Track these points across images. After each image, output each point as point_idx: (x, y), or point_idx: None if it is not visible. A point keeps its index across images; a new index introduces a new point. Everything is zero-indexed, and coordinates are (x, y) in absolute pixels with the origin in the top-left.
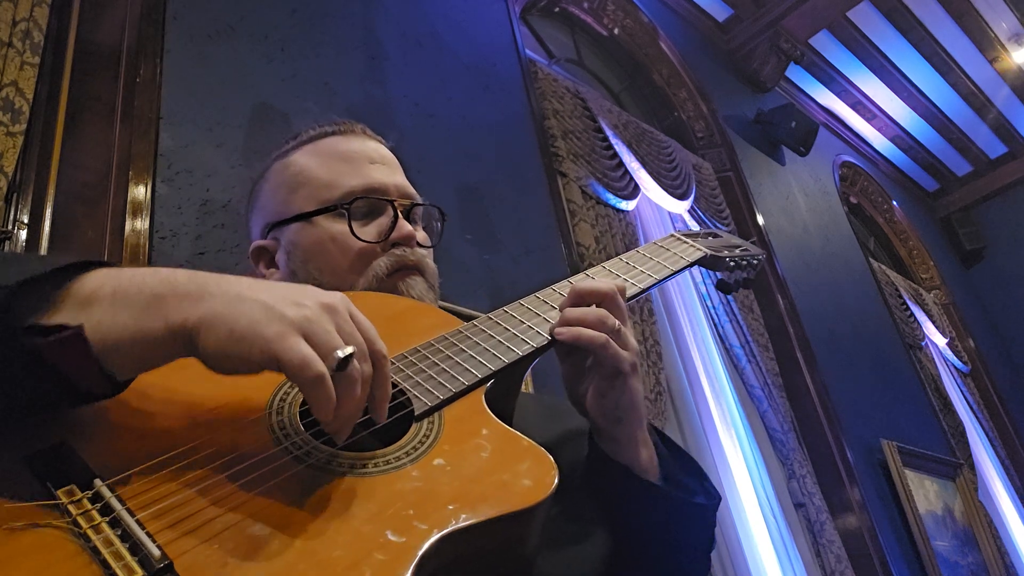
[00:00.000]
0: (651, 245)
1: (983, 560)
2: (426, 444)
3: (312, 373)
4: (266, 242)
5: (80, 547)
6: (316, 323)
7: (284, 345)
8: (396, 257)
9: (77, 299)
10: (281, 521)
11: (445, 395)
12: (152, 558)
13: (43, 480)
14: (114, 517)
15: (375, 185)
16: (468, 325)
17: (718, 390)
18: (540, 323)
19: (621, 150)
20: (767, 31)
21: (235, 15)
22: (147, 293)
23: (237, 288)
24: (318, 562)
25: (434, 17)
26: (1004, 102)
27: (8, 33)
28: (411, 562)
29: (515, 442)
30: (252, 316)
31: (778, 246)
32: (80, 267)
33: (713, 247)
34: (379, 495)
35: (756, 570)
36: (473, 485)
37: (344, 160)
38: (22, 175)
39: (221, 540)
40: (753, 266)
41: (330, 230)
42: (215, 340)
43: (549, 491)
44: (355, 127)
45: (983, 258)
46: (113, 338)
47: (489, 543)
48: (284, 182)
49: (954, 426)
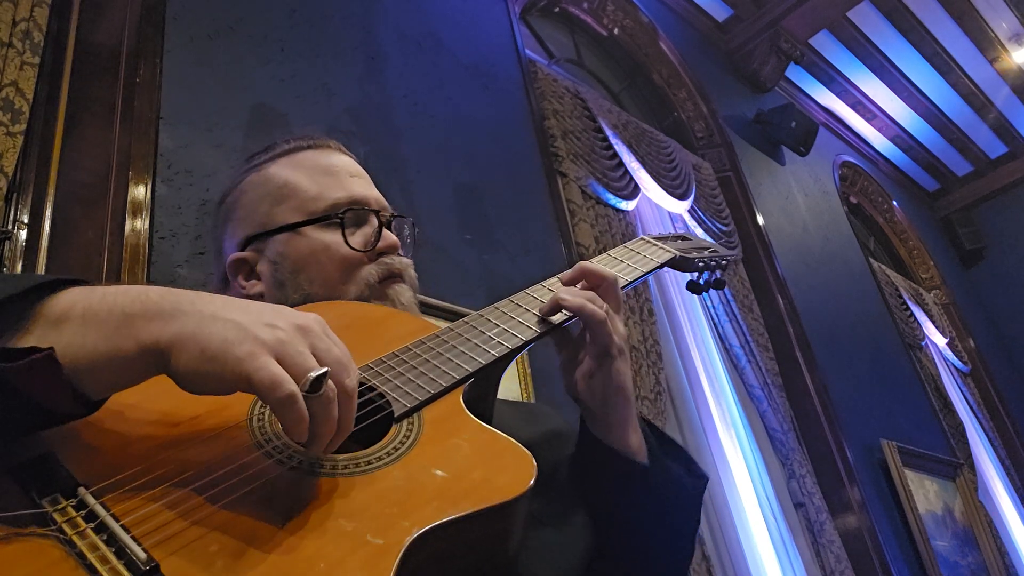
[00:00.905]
0: (621, 248)
1: (983, 560)
2: (406, 444)
3: (282, 393)
4: (246, 254)
5: (66, 553)
6: (289, 344)
7: (255, 365)
8: (384, 265)
9: (48, 320)
10: (265, 523)
11: (424, 396)
12: (138, 561)
13: (27, 490)
14: (99, 523)
15: (358, 197)
16: (445, 329)
17: (718, 390)
18: (515, 326)
19: (621, 150)
20: (767, 31)
21: (234, 16)
22: (118, 312)
23: (211, 308)
24: (303, 560)
25: (434, 17)
26: (1004, 102)
27: (8, 33)
28: (395, 558)
29: (494, 440)
30: (225, 336)
31: (778, 246)
32: (51, 286)
33: (682, 249)
34: (361, 495)
35: (756, 570)
36: (454, 482)
37: (327, 173)
38: (22, 175)
39: (206, 542)
40: (723, 267)
41: (322, 240)
42: (187, 360)
43: (528, 485)
44: (329, 142)
45: (983, 258)
46: (84, 359)
47: (471, 538)
48: (267, 194)
49: (954, 426)
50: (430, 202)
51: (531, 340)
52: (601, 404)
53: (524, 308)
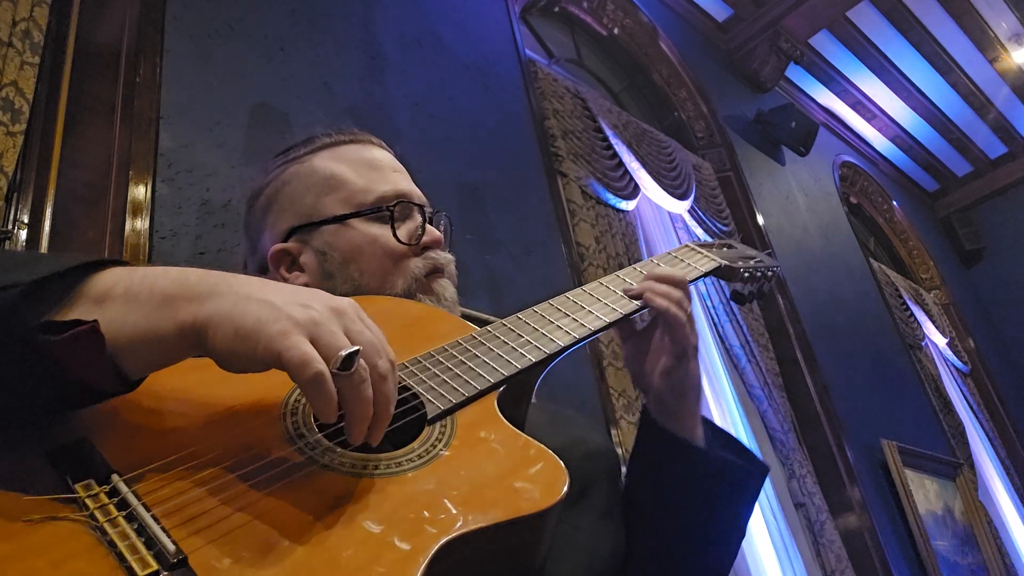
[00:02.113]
0: (665, 255)
1: (983, 560)
2: (438, 447)
3: (311, 372)
4: (289, 245)
5: (97, 540)
6: (322, 324)
7: (286, 343)
8: (430, 260)
9: (90, 298)
10: (293, 520)
11: (458, 399)
12: (167, 552)
13: (62, 474)
14: (131, 512)
15: (403, 192)
16: (482, 331)
17: (718, 390)
18: (553, 330)
19: (621, 150)
20: (767, 31)
21: (235, 15)
22: (158, 293)
23: (247, 288)
24: (329, 560)
25: (434, 17)
26: (1004, 102)
27: (8, 33)
28: (422, 564)
29: (527, 447)
30: (259, 315)
31: (778, 246)
32: (93, 266)
33: (728, 258)
34: (391, 497)
35: (756, 570)
36: (484, 489)
37: (371, 167)
38: (22, 175)
39: (235, 537)
40: (768, 278)
41: (370, 232)
42: (222, 338)
43: (559, 496)
44: (370, 137)
45: (983, 258)
46: (125, 337)
47: (499, 548)
48: (313, 184)
49: (954, 426)
50: (430, 202)
51: (569, 346)
52: (679, 398)
53: (563, 312)
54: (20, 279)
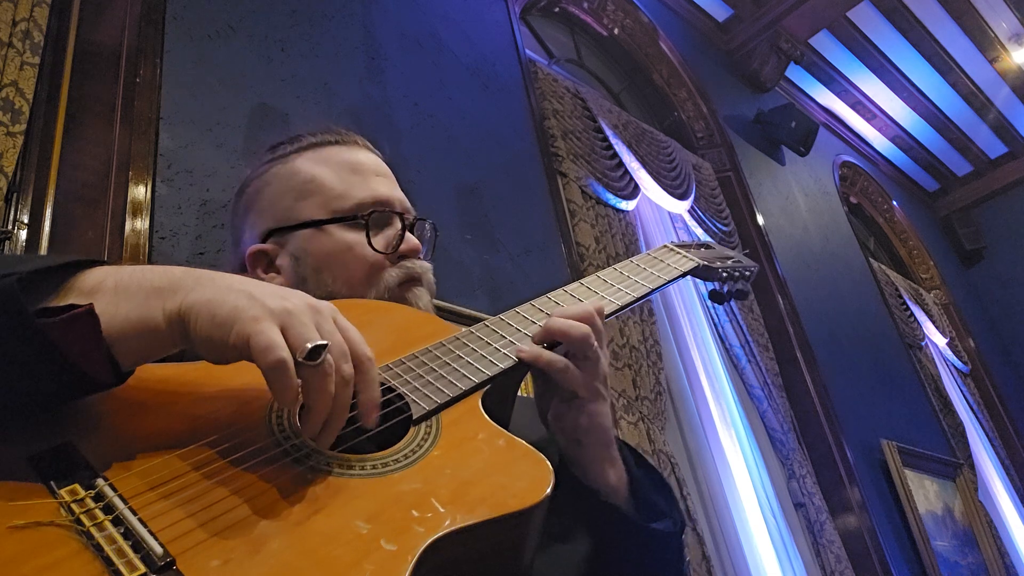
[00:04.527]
0: (644, 256)
1: (983, 560)
2: (424, 447)
3: (274, 357)
4: (266, 246)
5: (83, 544)
6: (295, 316)
7: (256, 328)
8: (405, 269)
9: (82, 291)
10: (281, 521)
11: (443, 399)
12: (154, 555)
13: (46, 479)
14: (117, 515)
15: (382, 198)
16: (465, 332)
17: (718, 390)
18: (535, 330)
19: (621, 150)
20: (767, 31)
21: (235, 15)
22: (147, 285)
23: (228, 281)
24: (318, 561)
25: (434, 17)
26: (1004, 102)
27: (8, 33)
28: (410, 562)
29: (512, 446)
30: (236, 304)
31: (778, 246)
32: (84, 264)
33: (706, 258)
34: (378, 497)
35: (756, 570)
36: (470, 488)
37: (353, 171)
38: (22, 175)
39: (222, 538)
40: (746, 277)
41: (345, 239)
42: (202, 326)
43: (545, 493)
44: (356, 138)
45: (983, 258)
46: (117, 327)
47: (486, 545)
48: (292, 188)
49: (954, 426)
50: (430, 202)
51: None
52: (574, 445)
53: (544, 312)
54: (16, 270)
